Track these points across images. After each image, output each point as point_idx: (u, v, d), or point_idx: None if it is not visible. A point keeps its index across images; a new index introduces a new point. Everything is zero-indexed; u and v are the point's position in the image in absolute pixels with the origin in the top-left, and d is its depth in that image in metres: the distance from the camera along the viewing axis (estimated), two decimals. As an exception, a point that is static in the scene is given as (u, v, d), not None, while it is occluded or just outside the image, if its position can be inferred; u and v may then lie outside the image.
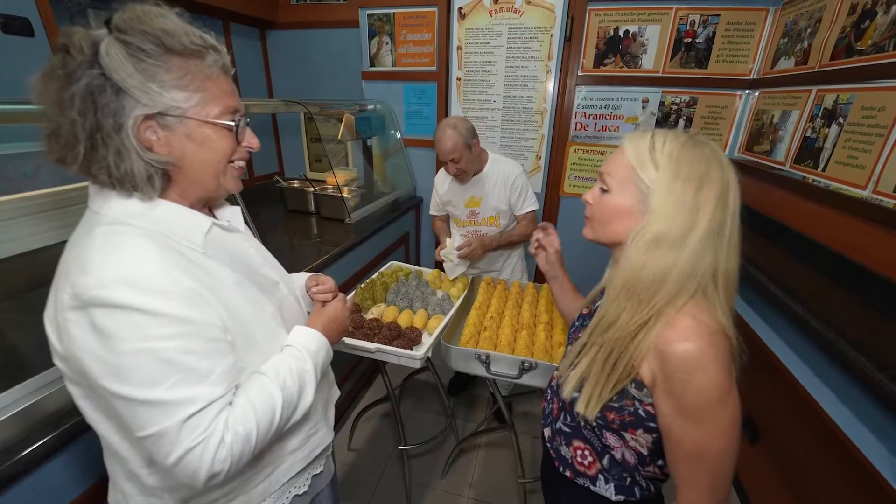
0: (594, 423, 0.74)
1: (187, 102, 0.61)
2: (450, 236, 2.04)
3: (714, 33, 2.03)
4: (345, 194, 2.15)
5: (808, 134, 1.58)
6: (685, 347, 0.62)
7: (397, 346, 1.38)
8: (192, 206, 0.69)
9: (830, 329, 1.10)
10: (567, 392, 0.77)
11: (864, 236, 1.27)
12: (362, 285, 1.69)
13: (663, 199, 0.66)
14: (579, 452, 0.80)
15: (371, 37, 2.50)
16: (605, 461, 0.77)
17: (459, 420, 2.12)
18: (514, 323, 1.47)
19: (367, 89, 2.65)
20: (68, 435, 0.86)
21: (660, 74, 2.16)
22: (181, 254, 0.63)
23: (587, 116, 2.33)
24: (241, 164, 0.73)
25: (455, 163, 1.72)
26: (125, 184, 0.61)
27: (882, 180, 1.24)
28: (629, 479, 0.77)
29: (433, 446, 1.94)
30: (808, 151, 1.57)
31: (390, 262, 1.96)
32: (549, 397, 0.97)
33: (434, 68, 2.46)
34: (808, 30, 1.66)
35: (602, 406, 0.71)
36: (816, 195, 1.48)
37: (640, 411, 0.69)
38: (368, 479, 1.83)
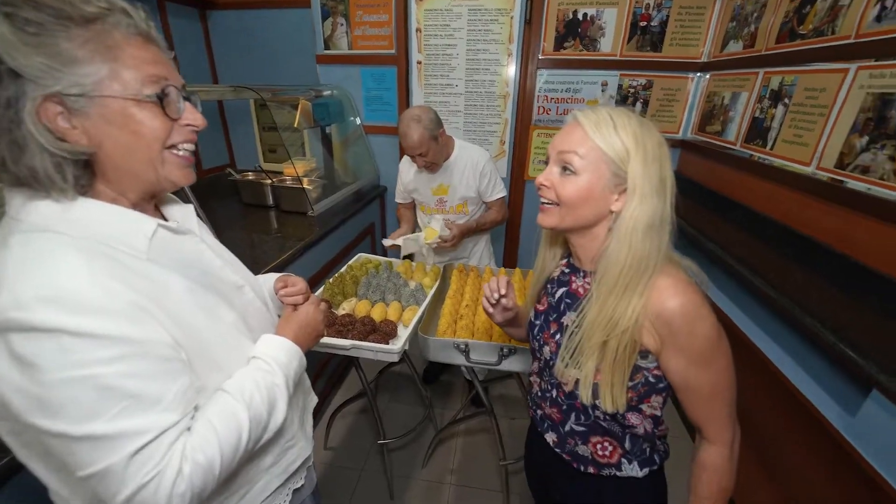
0: (619, 411, 0.73)
1: (94, 76, 0.50)
2: (418, 226, 2.00)
3: (668, 17, 2.08)
4: (306, 185, 2.04)
5: (757, 114, 1.67)
6: (679, 302, 0.65)
7: (373, 341, 1.33)
8: (134, 204, 0.60)
9: (785, 297, 1.17)
10: (586, 396, 0.74)
11: (809, 210, 1.36)
12: (331, 280, 1.62)
13: (641, 181, 0.66)
14: (599, 446, 0.80)
15: (324, 17, 2.36)
16: (626, 444, 0.78)
17: (437, 409, 2.11)
18: (489, 310, 1.46)
19: (322, 74, 2.51)
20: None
21: (617, 58, 2.20)
22: (118, 261, 0.54)
23: (549, 100, 2.34)
24: (187, 148, 0.62)
25: (423, 156, 1.67)
26: (31, 182, 0.51)
27: (825, 157, 1.32)
28: (648, 449, 0.79)
29: (412, 438, 1.92)
30: (758, 131, 1.66)
31: (358, 255, 1.89)
32: (532, 405, 0.94)
33: (393, 51, 2.37)
34: (755, 14, 1.73)
35: (625, 393, 0.71)
36: (765, 172, 1.57)
37: (650, 378, 0.71)
38: (348, 476, 1.80)
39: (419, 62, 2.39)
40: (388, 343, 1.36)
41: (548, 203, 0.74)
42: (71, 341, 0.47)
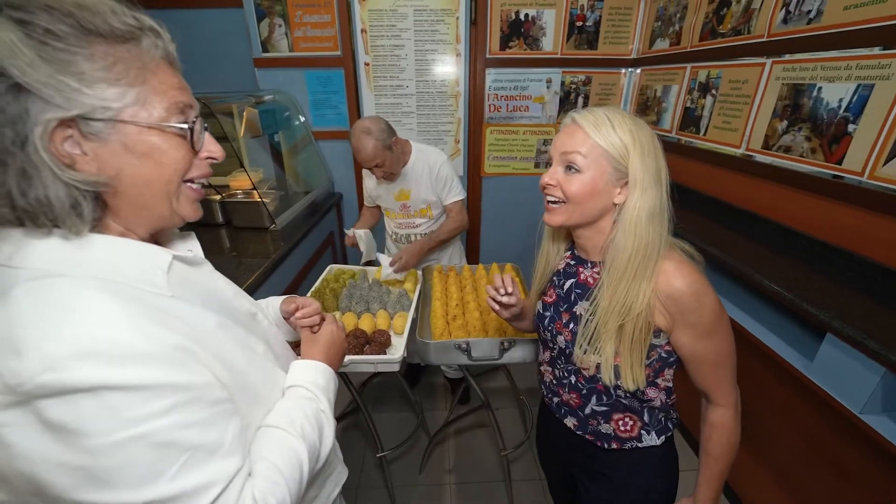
0: (640, 388, 0.79)
1: (120, 101, 0.46)
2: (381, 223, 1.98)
3: (600, 17, 2.25)
4: (263, 198, 1.91)
5: (688, 105, 1.87)
6: (687, 282, 0.71)
7: (370, 353, 1.30)
8: (142, 240, 0.54)
9: (742, 265, 1.34)
10: (608, 378, 0.79)
11: (744, 187, 1.56)
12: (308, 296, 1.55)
13: (641, 174, 0.72)
14: (621, 423, 0.85)
15: (259, 18, 2.21)
16: (645, 416, 0.85)
17: (426, 412, 2.11)
18: (479, 307, 1.49)
19: (261, 78, 2.36)
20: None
21: (559, 56, 2.34)
22: (146, 302, 0.49)
23: (499, 98, 2.42)
24: (202, 182, 0.58)
25: (380, 167, 1.64)
26: (38, 217, 0.45)
27: (752, 139, 1.53)
28: (664, 418, 0.86)
29: (409, 446, 1.90)
30: (690, 119, 1.86)
31: (329, 267, 1.82)
32: (548, 393, 0.98)
33: (339, 53, 2.29)
34: (678, 14, 1.94)
35: (643, 371, 0.77)
36: (700, 155, 1.77)
37: (663, 354, 0.78)
38: (346, 496, 1.73)
39: (367, 64, 2.34)
40: (385, 353, 1.33)
41: (554, 202, 0.78)
42: (118, 397, 0.42)
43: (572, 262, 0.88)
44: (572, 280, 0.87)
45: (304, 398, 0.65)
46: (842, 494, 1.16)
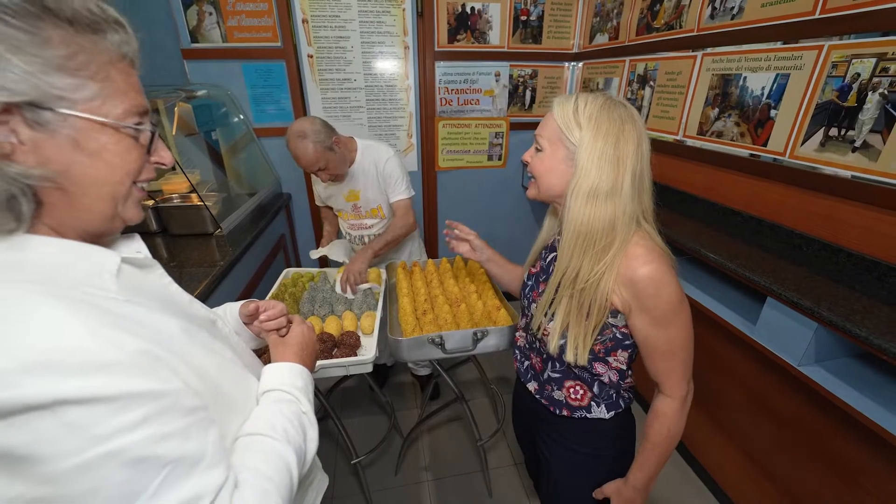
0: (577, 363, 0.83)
1: (77, 93, 0.42)
2: (340, 233, 1.90)
3: (543, 12, 2.32)
4: (205, 202, 1.76)
5: (629, 96, 1.99)
6: (649, 269, 0.73)
7: (339, 357, 1.25)
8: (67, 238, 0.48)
9: (686, 240, 1.45)
10: (553, 346, 0.83)
11: (682, 171, 1.69)
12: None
13: (588, 155, 0.74)
14: (571, 390, 0.89)
15: (186, 6, 2.03)
16: (595, 388, 0.88)
17: (397, 412, 2.07)
18: (448, 300, 1.48)
19: (192, 71, 2.16)
20: None
21: (506, 49, 2.38)
22: (100, 307, 0.43)
23: (450, 91, 2.41)
24: (144, 186, 0.54)
25: (324, 170, 1.55)
26: None
27: (688, 126, 1.65)
28: (614, 395, 0.90)
29: (383, 448, 1.85)
30: (632, 110, 1.98)
31: (286, 271, 1.72)
32: (520, 357, 1.04)
33: (279, 44, 2.16)
34: (615, 10, 2.05)
35: (588, 349, 0.80)
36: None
37: (618, 335, 0.81)
38: (319, 509, 1.65)
39: (310, 56, 2.23)
40: (355, 355, 1.28)
41: (531, 177, 0.86)
42: (80, 412, 0.36)
43: (559, 238, 0.91)
44: (553, 254, 0.91)
45: (282, 401, 0.61)
46: (781, 441, 1.30)
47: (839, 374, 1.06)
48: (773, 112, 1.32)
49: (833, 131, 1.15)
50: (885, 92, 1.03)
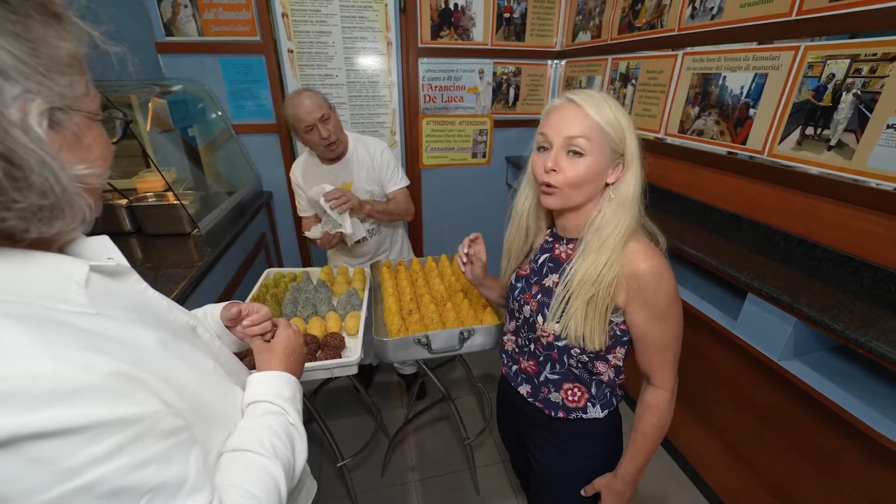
0: (588, 358, 0.83)
1: (78, 89, 0.42)
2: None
3: (526, 9, 2.31)
4: (181, 200, 1.70)
5: (611, 94, 2.00)
6: (650, 264, 0.75)
7: (323, 359, 1.22)
8: (29, 247, 0.43)
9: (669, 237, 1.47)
10: (574, 338, 0.81)
11: (665, 168, 1.71)
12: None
13: (634, 153, 0.76)
14: (570, 392, 0.89)
15: (159, -3, 1.95)
16: (592, 389, 0.88)
17: (383, 412, 2.05)
18: (434, 299, 1.47)
19: (167, 65, 2.08)
20: None
21: (489, 47, 2.37)
22: (65, 324, 0.40)
23: (433, 88, 2.39)
24: None
25: (325, 122, 1.49)
26: None
27: (669, 124, 1.67)
28: (609, 394, 0.90)
29: (370, 450, 1.83)
30: (615, 108, 1.99)
31: (267, 271, 1.67)
32: (507, 361, 1.03)
33: (258, 38, 2.10)
34: (597, 9, 2.06)
35: (605, 337, 0.80)
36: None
37: (618, 331, 0.81)
38: (304, 514, 1.62)
39: (291, 51, 2.17)
40: (340, 356, 1.26)
41: (553, 185, 0.77)
42: (46, 447, 0.33)
43: (550, 239, 0.91)
44: (547, 255, 0.90)
45: (269, 413, 0.59)
46: (762, 432, 1.33)
47: (817, 367, 1.09)
48: (751, 111, 1.34)
49: (809, 130, 1.18)
50: (859, 92, 1.05)
